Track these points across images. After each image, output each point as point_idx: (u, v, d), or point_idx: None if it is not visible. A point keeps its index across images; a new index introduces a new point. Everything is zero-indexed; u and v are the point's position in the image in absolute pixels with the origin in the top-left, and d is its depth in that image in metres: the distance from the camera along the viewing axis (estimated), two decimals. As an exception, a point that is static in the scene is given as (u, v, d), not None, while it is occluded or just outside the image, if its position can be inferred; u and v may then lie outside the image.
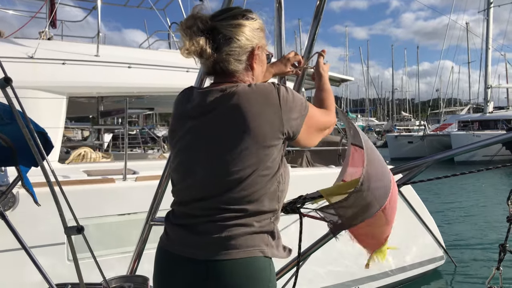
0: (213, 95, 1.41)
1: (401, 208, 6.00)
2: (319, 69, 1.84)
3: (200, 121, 1.41)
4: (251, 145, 1.33)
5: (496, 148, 23.91)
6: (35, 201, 2.23)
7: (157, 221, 2.23)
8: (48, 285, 2.01)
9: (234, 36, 1.41)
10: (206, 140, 1.39)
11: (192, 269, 1.33)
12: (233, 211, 1.34)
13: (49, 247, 3.85)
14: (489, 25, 32.02)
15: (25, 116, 1.45)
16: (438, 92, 57.14)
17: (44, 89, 4.89)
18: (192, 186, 1.41)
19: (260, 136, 1.34)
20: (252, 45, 1.45)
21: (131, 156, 5.98)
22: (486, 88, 32.59)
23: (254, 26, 1.46)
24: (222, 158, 1.35)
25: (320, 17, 1.92)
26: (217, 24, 1.41)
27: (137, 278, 1.97)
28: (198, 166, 1.40)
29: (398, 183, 2.06)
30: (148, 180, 4.36)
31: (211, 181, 1.37)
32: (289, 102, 1.39)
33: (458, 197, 14.31)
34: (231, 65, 1.43)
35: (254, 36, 1.45)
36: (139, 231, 2.37)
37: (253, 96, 1.37)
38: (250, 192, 1.34)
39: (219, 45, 1.40)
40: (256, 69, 1.50)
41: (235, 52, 1.42)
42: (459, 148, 2.11)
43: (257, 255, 1.34)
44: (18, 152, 1.81)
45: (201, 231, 1.36)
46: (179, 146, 1.48)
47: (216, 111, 1.39)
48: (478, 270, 6.87)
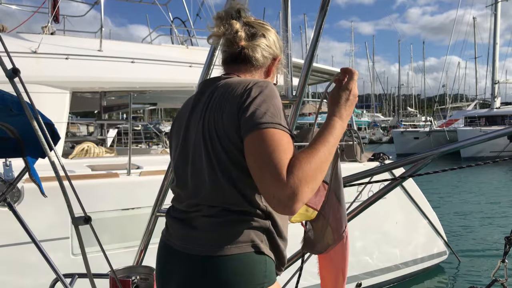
0: (214, 83, 1.44)
1: (404, 203, 6.01)
2: (341, 97, 1.40)
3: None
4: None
5: (504, 143, 23.89)
6: (42, 193, 2.23)
7: (163, 212, 2.24)
8: (56, 275, 2.02)
9: (266, 34, 1.50)
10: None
11: (188, 263, 1.33)
12: (226, 202, 1.31)
13: (53, 242, 3.87)
14: (496, 20, 31.91)
15: (33, 108, 1.46)
16: (445, 88, 57.07)
17: (47, 83, 4.90)
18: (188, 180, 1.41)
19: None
20: (277, 53, 1.54)
21: (134, 151, 5.99)
22: (493, 83, 32.50)
23: (278, 37, 1.56)
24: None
25: (327, 8, 1.92)
26: (251, 21, 1.50)
27: (143, 269, 1.97)
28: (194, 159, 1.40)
29: (404, 175, 2.06)
30: (152, 175, 4.38)
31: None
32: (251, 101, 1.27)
33: (463, 192, 14.32)
34: (256, 53, 1.48)
35: (278, 44, 1.55)
36: (143, 225, 2.38)
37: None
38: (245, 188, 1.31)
39: (251, 35, 1.48)
40: (271, 77, 1.56)
41: (264, 46, 1.49)
42: (465, 141, 2.10)
43: (250, 250, 1.29)
44: (25, 144, 1.81)
45: (196, 225, 1.35)
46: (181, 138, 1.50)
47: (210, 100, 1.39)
48: (482, 265, 6.88)
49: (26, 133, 1.82)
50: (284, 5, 2.04)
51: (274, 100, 1.26)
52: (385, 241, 5.84)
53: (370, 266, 5.67)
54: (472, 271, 6.68)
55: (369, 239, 5.61)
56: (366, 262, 5.62)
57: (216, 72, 2.46)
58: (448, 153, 2.10)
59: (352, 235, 1.86)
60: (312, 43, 2.05)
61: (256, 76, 1.50)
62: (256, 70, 1.50)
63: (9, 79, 1.41)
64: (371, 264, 5.68)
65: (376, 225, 5.64)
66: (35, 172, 2.14)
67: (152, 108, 15.67)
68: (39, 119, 1.38)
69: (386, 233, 5.84)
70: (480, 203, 12.30)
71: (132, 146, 4.66)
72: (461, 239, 8.43)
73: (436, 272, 6.56)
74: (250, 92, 1.27)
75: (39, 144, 1.44)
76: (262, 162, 1.16)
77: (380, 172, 2.26)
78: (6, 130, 1.83)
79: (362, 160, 5.92)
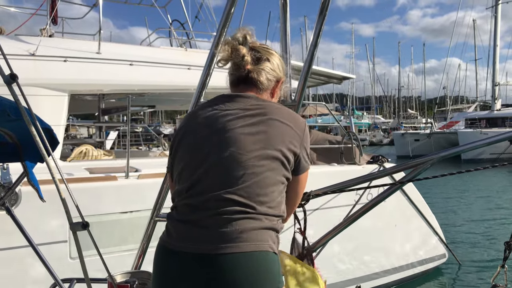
0: (238, 101, 1.57)
1: (403, 206, 6.00)
2: None
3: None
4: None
5: (504, 146, 23.85)
6: (40, 197, 2.22)
7: (162, 217, 2.23)
8: (54, 280, 2.01)
9: (270, 58, 1.64)
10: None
11: (196, 264, 1.33)
12: (243, 205, 1.38)
13: (52, 245, 3.85)
14: (497, 22, 31.88)
15: (31, 113, 1.45)
16: (445, 90, 57.08)
17: (45, 86, 4.88)
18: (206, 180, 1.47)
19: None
20: (280, 76, 1.68)
21: (133, 154, 5.98)
22: (494, 85, 32.48)
23: (282, 61, 1.71)
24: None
25: (325, 13, 1.92)
26: (256, 46, 1.64)
27: (142, 274, 1.96)
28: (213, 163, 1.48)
29: (403, 180, 2.06)
30: (151, 178, 4.37)
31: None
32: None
33: (463, 195, 14.31)
34: (261, 77, 1.61)
35: (281, 67, 1.69)
36: (142, 228, 2.37)
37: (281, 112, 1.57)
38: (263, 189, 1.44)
39: (256, 60, 1.62)
40: (275, 98, 1.70)
41: (269, 70, 1.63)
42: (464, 145, 2.10)
43: (267, 249, 1.37)
44: (23, 149, 1.81)
45: (207, 224, 1.36)
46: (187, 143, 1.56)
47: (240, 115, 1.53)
48: (481, 268, 6.87)
49: (25, 138, 1.82)
50: (283, 10, 2.04)
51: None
52: (384, 244, 5.84)
53: (370, 269, 5.66)
54: (472, 275, 6.67)
55: (368, 241, 5.60)
56: (365, 264, 5.61)
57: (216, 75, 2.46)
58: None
59: (352, 237, 1.88)
60: (311, 47, 2.05)
61: (263, 97, 1.63)
62: (262, 92, 1.63)
63: (7, 85, 1.40)
64: (371, 267, 5.67)
65: (375, 227, 5.64)
66: (33, 177, 2.13)
67: (152, 110, 15.64)
68: (37, 124, 1.37)
69: (386, 236, 5.83)
70: (481, 206, 12.30)
71: (132, 148, 4.65)
72: (461, 242, 8.42)
73: (436, 275, 6.55)
74: (306, 133, 1.58)
75: (37, 149, 1.44)
76: (300, 193, 1.66)
77: (380, 176, 2.26)
78: (4, 135, 1.83)
79: (361, 163, 5.92)
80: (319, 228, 2.35)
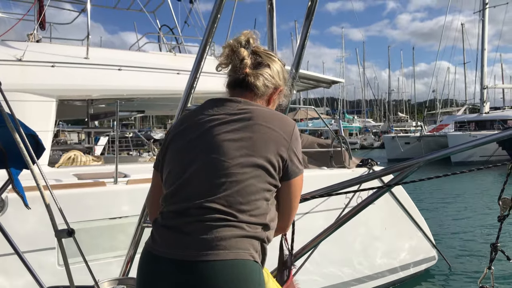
0: (227, 105, 1.53)
1: (392, 208, 6.03)
2: None
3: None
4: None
5: (493, 148, 24.11)
6: (25, 204, 2.20)
7: (149, 223, 2.21)
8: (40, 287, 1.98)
9: (270, 65, 1.61)
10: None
11: (177, 271, 1.32)
12: (224, 213, 1.36)
13: (40, 252, 3.81)
14: (484, 26, 32.20)
15: (15, 119, 1.43)
16: (435, 93, 57.49)
17: (33, 91, 4.84)
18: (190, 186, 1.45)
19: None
20: (279, 84, 1.64)
21: (122, 159, 5.93)
22: (482, 88, 32.81)
23: (284, 69, 1.67)
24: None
25: (312, 17, 1.93)
26: (259, 50, 1.61)
27: (129, 280, 1.95)
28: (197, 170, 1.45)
29: (390, 183, 2.07)
30: (140, 183, 4.34)
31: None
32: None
33: (452, 197, 14.41)
34: (258, 82, 1.57)
35: (282, 75, 1.65)
36: (130, 234, 2.35)
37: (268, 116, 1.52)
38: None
39: (256, 64, 1.59)
40: (271, 105, 1.66)
41: (267, 76, 1.59)
42: (451, 148, 2.12)
43: (247, 258, 1.34)
44: (8, 155, 1.79)
45: (189, 231, 1.35)
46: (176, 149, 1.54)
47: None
48: (471, 270, 6.90)
49: (9, 145, 1.79)
50: (269, 15, 2.05)
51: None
52: (373, 246, 5.85)
53: (358, 272, 5.67)
54: (461, 276, 6.71)
55: (357, 245, 5.62)
56: (354, 268, 5.61)
57: (203, 80, 2.45)
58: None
59: (341, 241, 1.87)
60: (297, 51, 2.05)
61: (259, 103, 1.59)
62: (258, 97, 1.59)
63: (-10, 91, 1.39)
64: (360, 271, 5.67)
65: (364, 231, 5.65)
66: (19, 184, 2.11)
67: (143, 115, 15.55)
68: (21, 131, 1.36)
69: (375, 239, 5.85)
70: (471, 208, 12.40)
71: (122, 153, 4.63)
72: (450, 244, 8.47)
73: (425, 277, 6.58)
74: (295, 137, 1.50)
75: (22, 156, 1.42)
76: (294, 199, 1.55)
77: (368, 180, 2.26)
78: (-12, 142, 1.80)
79: (350, 166, 5.94)
80: (308, 233, 2.35)
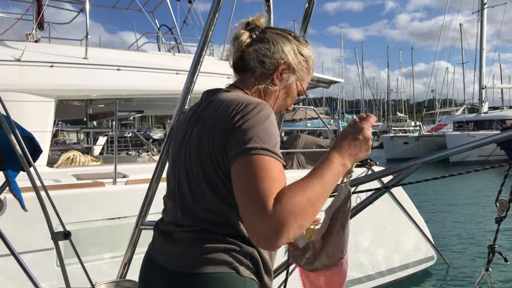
0: (209, 97, 1.35)
1: (392, 209, 6.03)
2: (349, 133, 1.27)
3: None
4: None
5: (491, 148, 24.12)
6: (22, 207, 2.19)
7: (147, 225, 2.21)
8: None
9: (272, 40, 1.36)
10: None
11: (164, 278, 1.31)
12: (210, 224, 1.26)
13: (38, 253, 3.80)
14: (483, 26, 32.21)
15: (11, 121, 1.43)
16: (434, 93, 57.65)
17: (31, 92, 4.83)
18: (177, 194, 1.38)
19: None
20: (285, 60, 1.36)
21: (121, 159, 5.93)
22: (481, 88, 32.80)
23: (299, 50, 1.40)
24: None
25: (309, 19, 1.92)
26: (268, 31, 1.40)
27: (127, 283, 1.95)
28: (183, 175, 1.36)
29: (388, 184, 2.07)
30: (139, 184, 4.34)
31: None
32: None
33: (451, 197, 14.41)
34: (251, 62, 1.36)
35: (294, 56, 1.38)
36: (129, 235, 2.35)
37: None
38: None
39: (257, 42, 1.37)
40: (275, 90, 1.39)
41: (261, 50, 1.35)
42: (449, 150, 2.11)
43: (227, 271, 1.22)
44: (5, 157, 1.78)
45: (175, 239, 1.32)
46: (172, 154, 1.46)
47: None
48: (469, 271, 6.91)
49: (6, 147, 1.79)
50: (267, 15, 2.04)
51: (265, 124, 1.15)
52: (372, 247, 5.85)
53: (357, 272, 5.67)
54: (460, 276, 6.71)
55: (356, 244, 5.61)
56: (352, 268, 5.62)
57: (201, 80, 2.45)
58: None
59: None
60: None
61: (260, 85, 1.36)
62: (256, 80, 1.36)
63: (-14, 93, 1.38)
64: (359, 271, 5.67)
65: (363, 231, 5.65)
66: (16, 186, 2.11)
67: (142, 115, 15.54)
68: (17, 133, 1.35)
69: (374, 239, 5.85)
70: (469, 208, 12.39)
71: (121, 153, 4.62)
72: (450, 243, 8.48)
73: (424, 277, 6.58)
74: (240, 114, 1.16)
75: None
76: (246, 190, 1.06)
77: (366, 181, 2.26)
78: (-15, 143, 1.80)
79: (349, 166, 5.93)
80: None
